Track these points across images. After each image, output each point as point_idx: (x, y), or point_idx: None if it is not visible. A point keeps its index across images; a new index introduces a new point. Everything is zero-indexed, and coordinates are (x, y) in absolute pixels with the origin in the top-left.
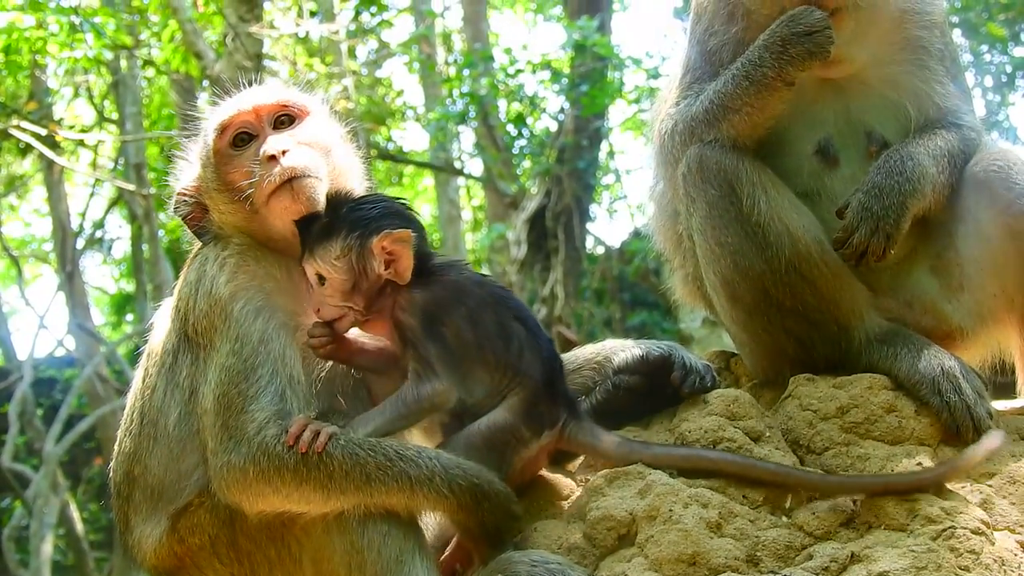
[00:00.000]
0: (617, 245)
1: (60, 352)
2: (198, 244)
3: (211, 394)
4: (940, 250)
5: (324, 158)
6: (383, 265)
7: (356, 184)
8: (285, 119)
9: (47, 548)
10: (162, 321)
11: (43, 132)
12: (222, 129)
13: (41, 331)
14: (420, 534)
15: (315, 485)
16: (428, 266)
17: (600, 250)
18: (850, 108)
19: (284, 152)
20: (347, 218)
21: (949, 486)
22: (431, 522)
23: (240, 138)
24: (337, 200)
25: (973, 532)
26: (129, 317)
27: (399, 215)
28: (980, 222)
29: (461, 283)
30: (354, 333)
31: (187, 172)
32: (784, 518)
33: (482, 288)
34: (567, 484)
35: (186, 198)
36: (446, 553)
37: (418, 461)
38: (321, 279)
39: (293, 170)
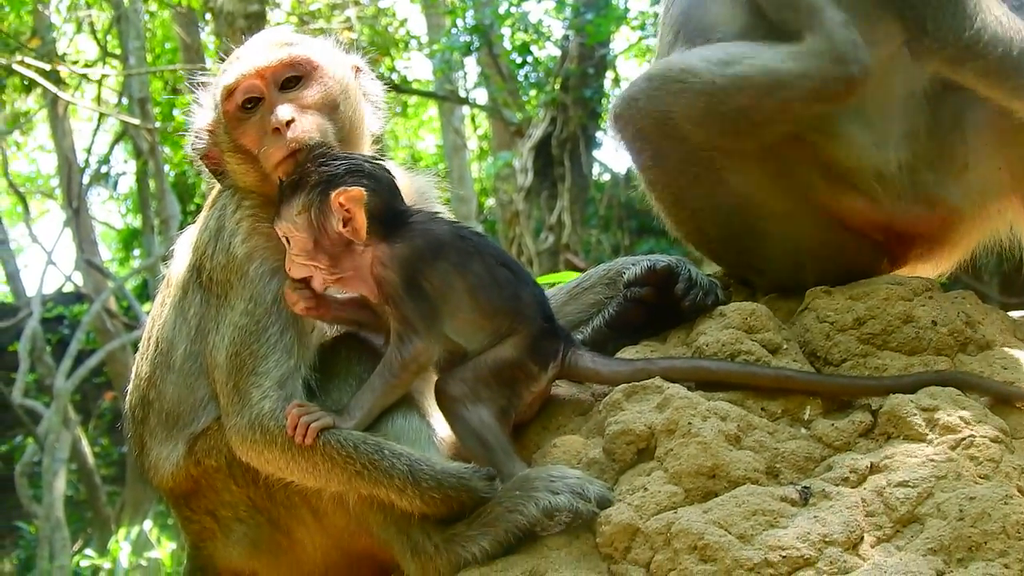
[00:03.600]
0: (624, 172)
1: (68, 288)
2: (218, 187)
3: (224, 351)
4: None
5: (332, 116)
6: (341, 222)
7: (370, 126)
8: (292, 78)
9: (60, 483)
10: (181, 252)
11: (47, 68)
12: (228, 93)
13: (49, 267)
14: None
15: (300, 469)
16: (405, 219)
17: (607, 177)
18: None
19: (289, 123)
20: (310, 175)
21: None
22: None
23: (248, 101)
24: (306, 158)
25: (992, 441)
26: (136, 252)
27: (364, 173)
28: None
29: (441, 234)
30: (334, 292)
31: (201, 115)
32: (803, 430)
33: (462, 238)
34: (585, 400)
35: (203, 140)
36: None
37: (391, 472)
38: (288, 239)
39: (297, 141)
